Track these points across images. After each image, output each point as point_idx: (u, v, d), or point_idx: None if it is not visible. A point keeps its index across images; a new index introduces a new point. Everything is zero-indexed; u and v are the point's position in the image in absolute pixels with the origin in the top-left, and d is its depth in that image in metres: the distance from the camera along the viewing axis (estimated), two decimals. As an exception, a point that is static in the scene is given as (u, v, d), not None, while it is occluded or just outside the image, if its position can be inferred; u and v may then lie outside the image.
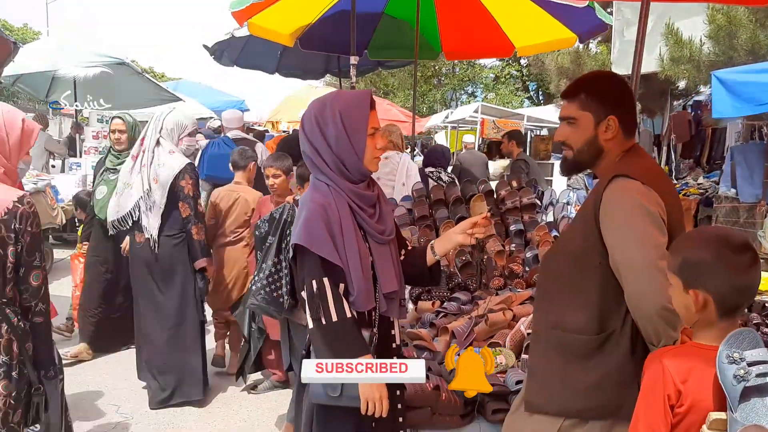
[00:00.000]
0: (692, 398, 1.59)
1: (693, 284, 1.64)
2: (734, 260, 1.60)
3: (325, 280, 2.12)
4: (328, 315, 2.09)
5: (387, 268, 2.27)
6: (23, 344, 2.29)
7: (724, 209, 8.44)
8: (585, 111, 2.11)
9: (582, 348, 2.02)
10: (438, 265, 2.50)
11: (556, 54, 12.16)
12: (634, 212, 1.91)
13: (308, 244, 2.11)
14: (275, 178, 4.40)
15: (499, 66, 26.72)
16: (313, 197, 2.21)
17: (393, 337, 2.37)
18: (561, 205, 5.38)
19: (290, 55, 7.91)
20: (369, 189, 2.30)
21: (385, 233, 2.28)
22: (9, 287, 2.25)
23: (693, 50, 8.46)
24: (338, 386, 2.13)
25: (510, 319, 3.52)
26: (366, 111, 2.20)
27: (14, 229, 2.22)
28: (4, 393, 2.23)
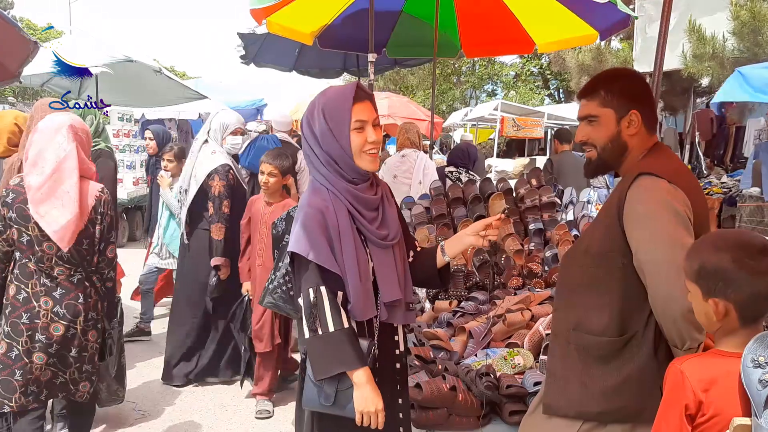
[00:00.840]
0: (715, 407, 1.54)
1: (712, 293, 1.58)
2: (754, 266, 1.54)
3: (322, 288, 2.03)
4: (324, 325, 2.01)
5: (389, 275, 2.16)
6: (102, 303, 3.15)
7: (748, 209, 8.31)
8: (606, 108, 2.07)
9: (603, 350, 1.98)
10: (448, 267, 2.40)
11: (577, 51, 12.05)
12: (660, 211, 1.86)
13: (305, 252, 2.03)
14: (271, 176, 4.18)
15: (520, 64, 26.56)
16: (310, 201, 2.13)
17: (396, 343, 2.28)
18: (581, 204, 5.32)
19: (308, 53, 7.90)
20: (371, 190, 2.20)
21: (388, 238, 2.18)
22: (95, 258, 3.06)
23: (716, 47, 8.34)
24: (332, 395, 2.06)
25: (528, 319, 3.49)
26: (347, 104, 2.08)
27: (99, 212, 3.02)
28: (92, 340, 3.12)
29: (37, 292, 2.92)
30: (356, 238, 2.10)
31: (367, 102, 2.13)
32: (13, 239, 2.91)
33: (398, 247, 2.24)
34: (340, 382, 2.05)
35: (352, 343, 2.04)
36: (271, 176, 4.17)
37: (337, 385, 2.05)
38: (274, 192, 4.25)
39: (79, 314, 2.99)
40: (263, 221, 4.23)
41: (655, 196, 1.89)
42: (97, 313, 3.10)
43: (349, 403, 2.05)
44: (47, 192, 2.85)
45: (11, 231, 2.90)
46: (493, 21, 6.49)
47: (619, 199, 1.96)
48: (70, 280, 2.98)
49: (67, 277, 2.97)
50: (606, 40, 11.14)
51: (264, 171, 4.19)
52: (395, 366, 2.28)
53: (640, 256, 1.86)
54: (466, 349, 3.39)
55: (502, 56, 25.82)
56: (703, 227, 1.97)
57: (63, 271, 2.96)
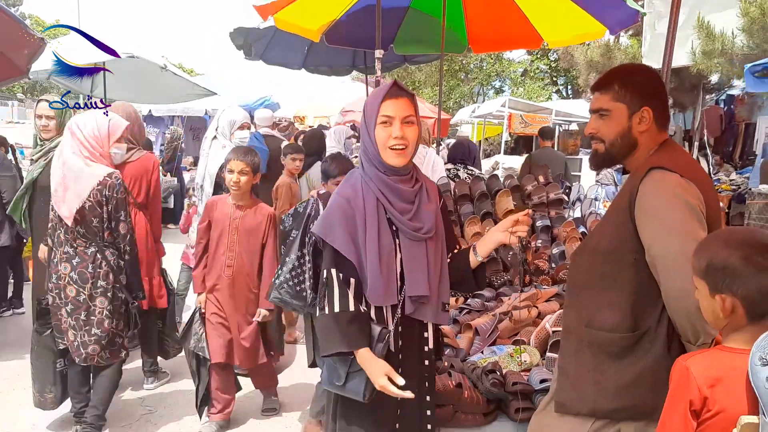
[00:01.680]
0: (720, 404, 1.53)
1: (719, 289, 1.58)
2: (762, 263, 1.53)
3: (333, 271, 2.14)
4: (331, 305, 2.12)
5: (418, 269, 2.18)
6: (117, 276, 3.53)
7: (757, 206, 8.26)
8: (618, 102, 2.06)
9: (615, 347, 1.98)
10: (482, 268, 2.39)
11: (585, 47, 11.99)
12: (674, 205, 1.84)
13: (323, 235, 2.16)
14: (242, 175, 3.71)
15: (528, 60, 26.47)
16: (340, 190, 2.23)
17: (425, 340, 2.30)
18: (589, 201, 5.31)
19: (317, 50, 7.90)
20: (407, 183, 2.23)
21: (421, 231, 2.19)
22: (107, 233, 3.49)
23: (725, 43, 8.28)
24: (343, 376, 2.15)
25: (535, 316, 3.48)
26: (378, 98, 2.16)
27: (105, 195, 3.44)
28: (101, 307, 3.48)
29: (60, 258, 3.51)
30: (382, 226, 2.16)
31: (401, 99, 2.17)
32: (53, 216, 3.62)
33: (434, 244, 2.24)
34: (352, 364, 2.14)
35: (356, 325, 2.11)
36: (243, 175, 3.72)
37: (348, 367, 2.15)
38: (245, 193, 3.81)
39: (87, 281, 3.46)
40: (233, 227, 3.79)
41: (668, 190, 1.87)
42: (107, 283, 3.50)
43: (357, 386, 2.13)
44: (60, 180, 3.47)
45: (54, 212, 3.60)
46: (500, 16, 6.47)
47: (630, 195, 1.95)
48: (85, 251, 3.49)
49: (84, 249, 3.49)
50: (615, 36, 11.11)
51: (234, 169, 3.72)
52: (423, 363, 2.30)
53: (653, 250, 1.85)
54: (473, 346, 3.39)
55: (510, 53, 25.85)
56: (715, 223, 1.95)
57: (81, 243, 3.50)
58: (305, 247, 3.33)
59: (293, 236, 3.38)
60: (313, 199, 3.46)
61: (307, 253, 3.32)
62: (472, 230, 4.62)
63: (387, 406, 2.19)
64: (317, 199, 3.42)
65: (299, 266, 3.32)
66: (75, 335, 3.49)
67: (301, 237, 3.34)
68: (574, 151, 12.30)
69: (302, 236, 3.35)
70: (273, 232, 3.82)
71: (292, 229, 3.44)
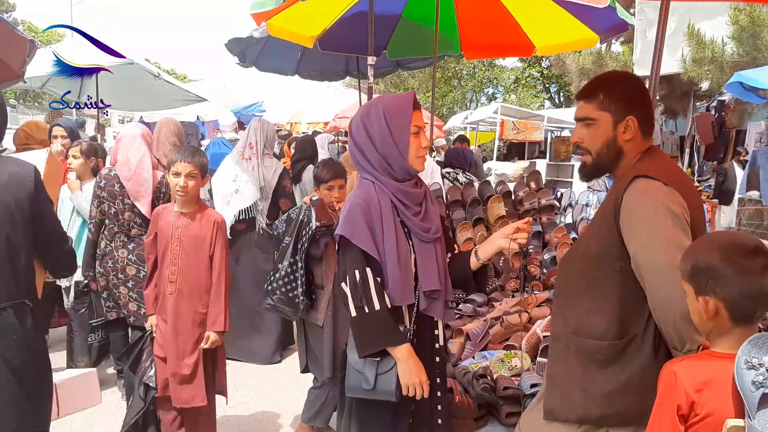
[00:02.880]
0: (708, 408, 1.54)
1: (703, 291, 1.59)
2: (744, 265, 1.55)
3: (367, 270, 2.18)
4: (371, 303, 2.16)
5: (430, 267, 2.28)
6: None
7: (748, 212, 8.33)
8: (603, 111, 2.07)
9: (603, 354, 1.98)
10: (483, 270, 2.49)
11: (577, 55, 12.07)
12: (658, 213, 1.85)
13: (349, 236, 2.19)
14: (190, 178, 3.25)
15: (520, 68, 26.58)
16: (356, 193, 2.28)
17: (436, 337, 2.40)
18: (580, 207, 5.34)
19: (310, 57, 7.90)
20: (416, 187, 2.33)
21: (431, 231, 2.31)
22: None
23: (715, 51, 8.36)
24: (372, 379, 2.19)
25: (526, 321, 3.49)
26: (409, 109, 2.25)
27: (162, 191, 4.28)
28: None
29: (117, 246, 4.26)
30: (398, 228, 2.25)
31: (419, 111, 2.31)
32: (104, 211, 4.23)
33: (440, 244, 2.36)
34: (380, 366, 2.19)
35: (395, 323, 2.19)
36: (191, 178, 3.26)
37: (377, 369, 2.19)
38: (192, 199, 3.35)
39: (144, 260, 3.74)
40: (176, 237, 3.32)
41: (652, 199, 1.88)
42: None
43: (389, 386, 2.18)
44: (135, 180, 4.18)
45: (104, 205, 4.22)
46: (493, 24, 6.50)
47: (615, 203, 1.96)
48: (140, 237, 4.18)
49: (139, 236, 4.21)
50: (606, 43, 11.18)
51: (180, 172, 3.25)
52: (435, 359, 2.38)
53: (638, 258, 1.86)
54: (464, 351, 3.40)
55: (503, 60, 25.95)
56: (699, 230, 1.96)
57: (137, 232, 4.25)
58: (298, 254, 3.34)
59: (286, 242, 3.39)
60: (305, 206, 3.47)
61: (299, 259, 3.33)
62: (464, 236, 4.63)
63: (404, 402, 2.25)
64: (309, 206, 3.43)
65: (292, 273, 3.33)
66: (138, 306, 4.18)
67: (293, 244, 3.35)
68: (566, 158, 12.36)
69: (295, 243, 3.35)
70: (221, 241, 3.35)
71: (285, 236, 3.45)
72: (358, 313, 2.18)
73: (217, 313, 3.27)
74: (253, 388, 4.73)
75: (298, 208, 3.50)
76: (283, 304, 3.33)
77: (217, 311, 3.27)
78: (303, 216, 3.39)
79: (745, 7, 7.94)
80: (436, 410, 2.37)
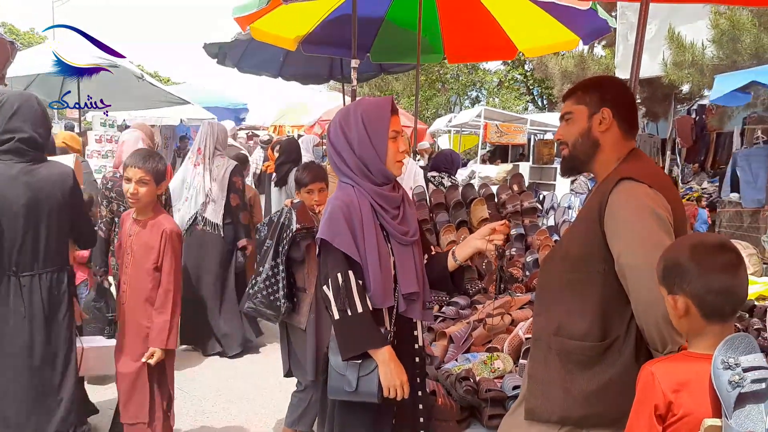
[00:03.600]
0: (685, 408, 1.56)
1: (672, 289, 1.63)
2: (707, 261, 1.58)
3: (349, 273, 2.19)
4: (354, 306, 2.17)
5: (408, 269, 2.31)
6: None
7: (728, 214, 8.41)
8: (580, 105, 2.12)
9: (585, 355, 1.99)
10: (460, 271, 2.53)
11: (560, 58, 12.14)
12: (643, 216, 1.87)
13: (330, 239, 2.20)
14: (141, 185, 3.11)
15: (503, 71, 26.69)
16: (337, 196, 2.30)
17: (416, 338, 2.43)
18: (562, 209, 5.37)
19: (293, 60, 7.88)
20: (393, 191, 2.35)
21: (408, 234, 2.33)
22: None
23: (696, 54, 8.44)
24: (354, 381, 2.20)
25: (508, 323, 3.50)
26: (387, 115, 2.28)
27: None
28: None
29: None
30: (378, 231, 2.27)
31: (397, 115, 2.34)
32: (113, 210, 4.43)
33: (417, 246, 2.40)
34: (362, 368, 2.20)
35: (377, 325, 2.21)
36: (142, 184, 3.12)
37: (359, 371, 2.20)
38: (146, 205, 3.20)
39: None
40: (128, 245, 3.23)
41: (637, 201, 1.90)
42: None
43: (371, 388, 2.19)
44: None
45: (113, 204, 4.41)
46: (476, 27, 6.53)
47: (600, 205, 1.96)
48: None
49: None
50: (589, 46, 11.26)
51: (131, 178, 3.12)
52: (415, 360, 2.41)
53: (622, 260, 1.87)
54: (447, 354, 3.40)
55: (486, 63, 26.06)
56: (681, 231, 1.98)
57: None
58: (279, 257, 3.33)
59: (267, 245, 3.38)
60: (286, 208, 3.46)
61: (280, 262, 3.32)
62: (448, 238, 4.64)
63: (387, 404, 2.26)
64: (290, 209, 3.42)
65: (273, 276, 3.32)
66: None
67: (274, 247, 3.34)
68: (549, 161, 12.41)
69: (276, 246, 3.34)
70: (171, 252, 3.18)
71: (266, 239, 3.44)
72: (341, 316, 2.18)
73: (160, 329, 3.11)
74: (236, 393, 4.71)
75: (279, 211, 3.49)
76: (264, 308, 3.32)
77: (160, 327, 3.11)
78: (284, 219, 3.38)
79: (726, 11, 8.02)
80: (417, 410, 2.39)
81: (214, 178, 5.32)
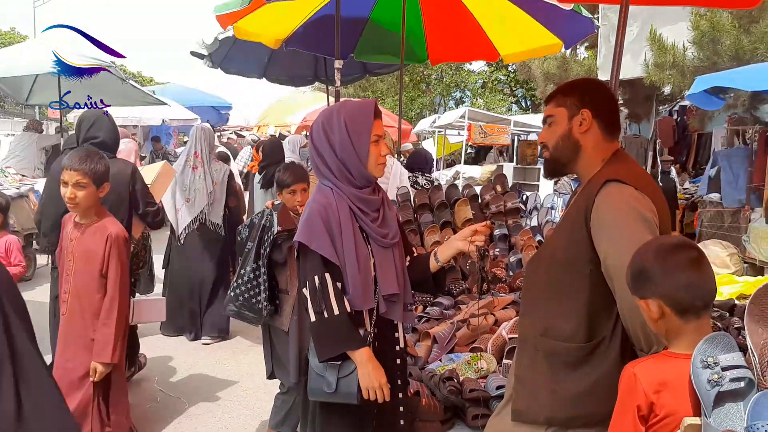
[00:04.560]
0: (667, 408, 1.57)
1: (643, 294, 1.65)
2: (670, 260, 1.61)
3: (326, 275, 2.20)
4: (330, 308, 2.18)
5: (389, 271, 2.31)
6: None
7: (709, 214, 8.49)
8: (560, 107, 2.12)
9: (571, 356, 1.99)
10: (442, 272, 2.54)
11: (542, 60, 12.19)
12: (629, 218, 1.88)
13: (307, 242, 2.21)
14: (78, 188, 2.94)
15: (487, 72, 26.78)
16: (315, 198, 2.31)
17: (396, 339, 2.43)
18: (545, 210, 5.38)
19: (278, 60, 7.85)
20: (374, 194, 2.35)
21: (388, 237, 2.33)
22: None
23: (677, 56, 8.51)
24: (333, 382, 2.20)
25: (492, 323, 3.51)
26: (369, 118, 2.27)
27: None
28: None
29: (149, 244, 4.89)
30: (357, 234, 2.27)
31: (380, 119, 2.34)
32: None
33: (397, 248, 2.40)
34: (341, 369, 2.20)
35: (355, 326, 2.21)
36: (79, 187, 2.94)
37: (338, 373, 2.20)
38: (88, 209, 3.03)
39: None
40: (70, 250, 3.07)
41: (623, 203, 1.91)
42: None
43: (350, 389, 2.19)
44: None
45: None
46: (459, 31, 6.54)
47: (586, 206, 1.97)
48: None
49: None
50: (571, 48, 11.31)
51: (67, 181, 2.94)
52: (396, 361, 2.40)
53: (609, 262, 1.88)
54: (431, 354, 3.40)
55: (470, 64, 26.14)
56: (666, 233, 1.99)
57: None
58: (260, 259, 3.31)
59: (248, 247, 3.36)
60: (267, 210, 3.45)
61: (262, 264, 3.30)
62: (432, 239, 4.65)
63: (367, 405, 2.25)
64: (272, 210, 3.41)
65: (255, 278, 3.30)
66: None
67: (256, 249, 3.32)
68: (533, 161, 12.47)
69: (257, 248, 3.32)
70: (116, 258, 3.00)
71: (249, 240, 3.42)
72: (317, 318, 2.20)
73: (104, 341, 2.91)
74: (220, 394, 4.68)
75: (261, 213, 3.47)
76: (246, 310, 3.30)
77: (104, 339, 2.92)
78: (265, 221, 3.37)
79: (706, 13, 8.09)
80: (398, 412, 2.39)
81: (215, 180, 5.65)
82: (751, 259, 7.23)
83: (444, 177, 13.29)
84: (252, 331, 5.69)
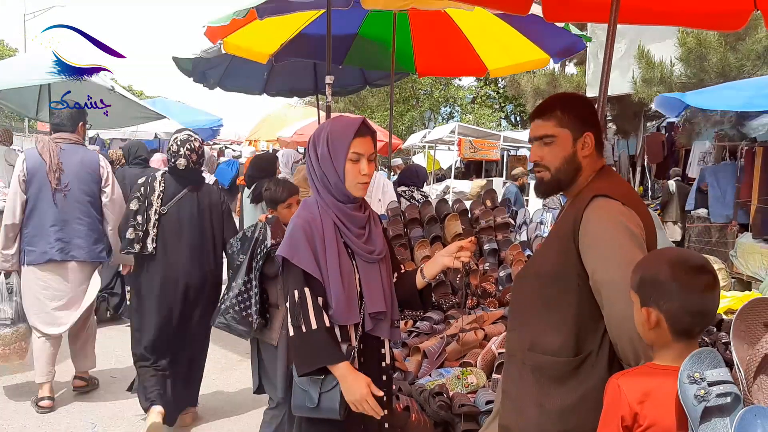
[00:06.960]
0: (650, 419, 1.58)
1: (647, 302, 1.64)
2: (688, 282, 1.59)
3: (306, 290, 2.19)
4: (308, 323, 2.16)
5: (374, 288, 2.31)
6: None
7: (697, 229, 8.55)
8: (563, 128, 2.07)
9: (559, 370, 1.98)
10: (429, 288, 2.52)
11: (531, 75, 12.30)
12: (617, 232, 1.88)
13: (289, 256, 2.21)
14: None
15: (476, 87, 26.93)
16: (299, 213, 2.31)
17: (383, 356, 2.40)
18: (535, 225, 5.41)
19: (277, 75, 7.81)
20: (359, 210, 2.34)
21: (374, 253, 2.33)
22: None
23: (664, 72, 8.61)
24: (315, 397, 2.18)
25: (482, 338, 3.52)
26: (350, 135, 2.25)
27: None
28: None
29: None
30: (341, 249, 2.27)
31: (368, 137, 2.30)
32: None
33: (384, 265, 2.39)
34: (323, 384, 2.18)
35: (334, 341, 2.20)
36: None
37: (320, 388, 2.19)
38: None
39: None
40: None
41: (611, 218, 1.91)
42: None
43: (332, 404, 2.17)
44: None
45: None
46: (447, 46, 6.57)
47: (574, 221, 1.97)
48: None
49: None
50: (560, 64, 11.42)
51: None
52: (381, 378, 2.37)
53: (597, 276, 1.88)
54: (421, 369, 3.40)
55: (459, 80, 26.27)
56: (652, 247, 2.00)
57: None
58: (252, 272, 3.31)
59: (240, 261, 3.36)
60: (261, 224, 3.45)
61: (254, 278, 3.30)
62: (422, 253, 4.66)
63: (353, 421, 2.24)
64: (265, 224, 3.41)
65: (246, 291, 3.30)
66: None
67: (248, 262, 3.32)
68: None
69: (249, 261, 3.32)
70: None
71: (240, 254, 3.42)
72: (295, 333, 2.19)
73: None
74: (208, 409, 4.65)
75: (253, 226, 3.47)
76: (236, 323, 3.29)
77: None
78: (258, 234, 3.37)
79: (693, 30, 8.20)
80: (384, 428, 2.37)
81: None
82: (739, 274, 7.29)
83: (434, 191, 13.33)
84: (240, 345, 5.67)
